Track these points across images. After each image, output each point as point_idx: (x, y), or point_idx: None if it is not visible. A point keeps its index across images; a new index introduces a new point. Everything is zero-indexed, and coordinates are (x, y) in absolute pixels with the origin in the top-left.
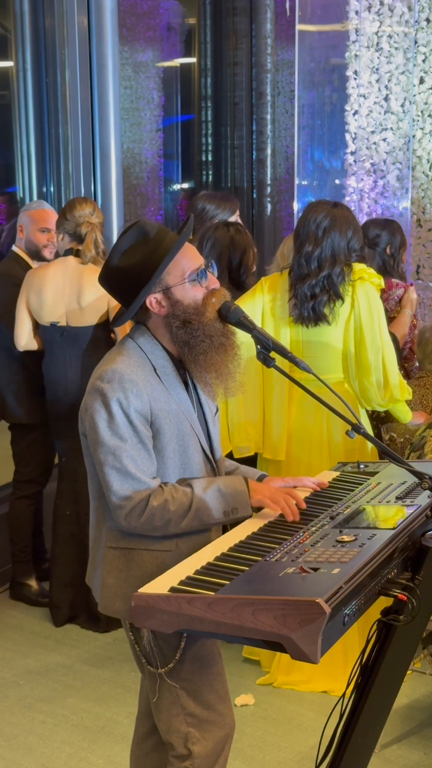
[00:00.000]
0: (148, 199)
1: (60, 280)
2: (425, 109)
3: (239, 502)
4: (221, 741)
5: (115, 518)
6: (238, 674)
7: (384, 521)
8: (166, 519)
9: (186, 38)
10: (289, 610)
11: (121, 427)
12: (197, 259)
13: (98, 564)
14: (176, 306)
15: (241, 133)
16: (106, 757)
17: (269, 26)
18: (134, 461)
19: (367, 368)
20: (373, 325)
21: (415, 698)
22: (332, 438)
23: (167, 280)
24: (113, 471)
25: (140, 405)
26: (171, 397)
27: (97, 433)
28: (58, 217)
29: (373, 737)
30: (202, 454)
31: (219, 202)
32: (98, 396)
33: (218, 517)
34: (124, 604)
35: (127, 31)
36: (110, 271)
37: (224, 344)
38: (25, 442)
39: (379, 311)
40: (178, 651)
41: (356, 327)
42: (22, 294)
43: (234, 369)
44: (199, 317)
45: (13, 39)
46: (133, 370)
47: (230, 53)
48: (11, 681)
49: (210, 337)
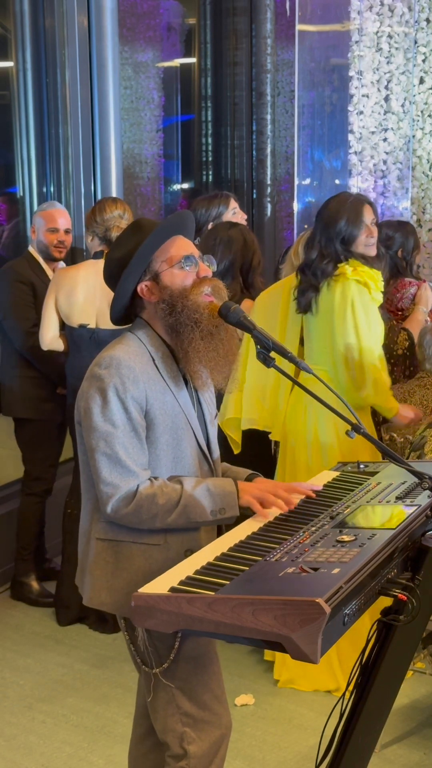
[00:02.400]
0: (148, 199)
1: (91, 283)
2: (425, 109)
3: (227, 502)
4: (217, 741)
5: (101, 506)
6: (238, 674)
7: (384, 521)
8: (153, 513)
9: (186, 38)
10: (289, 610)
11: (115, 413)
12: (187, 248)
13: (86, 556)
14: (164, 291)
15: (241, 133)
16: (106, 757)
17: (269, 26)
18: (125, 449)
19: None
20: (343, 319)
21: (415, 698)
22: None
23: (156, 267)
24: (104, 457)
25: (137, 392)
26: (168, 388)
27: (90, 418)
28: (88, 217)
29: (373, 737)
30: (197, 449)
31: (207, 204)
32: (95, 381)
33: (205, 516)
34: (110, 597)
35: (127, 31)
36: (107, 263)
37: (212, 333)
38: (27, 438)
39: (356, 309)
40: (173, 651)
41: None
42: (51, 294)
43: (222, 362)
44: (183, 300)
45: (13, 39)
46: (131, 358)
47: (230, 53)
48: (11, 681)
49: (195, 321)
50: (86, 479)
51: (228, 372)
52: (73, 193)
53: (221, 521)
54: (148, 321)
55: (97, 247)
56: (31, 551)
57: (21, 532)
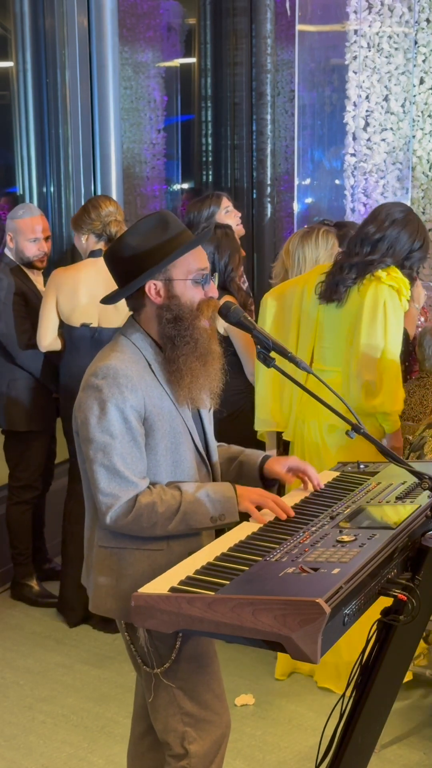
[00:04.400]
0: (148, 199)
1: (93, 282)
2: (425, 110)
3: (227, 508)
4: (218, 740)
5: (100, 517)
6: (238, 674)
7: (384, 521)
8: (153, 521)
9: (186, 38)
10: (289, 610)
11: (112, 424)
12: (204, 262)
13: (91, 564)
14: (172, 299)
15: (241, 133)
16: (106, 757)
17: (269, 26)
18: (123, 459)
19: (356, 366)
20: (374, 325)
21: (415, 698)
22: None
23: (172, 273)
24: (102, 468)
25: (135, 401)
26: (165, 394)
27: (88, 429)
28: (79, 217)
29: (373, 737)
30: (196, 453)
31: (199, 205)
32: (92, 392)
33: (206, 522)
34: (115, 603)
35: (127, 31)
36: (121, 248)
37: (205, 355)
38: (22, 448)
39: (387, 315)
40: (174, 650)
41: (357, 326)
42: (50, 295)
43: (208, 383)
44: (191, 318)
45: (13, 39)
46: (127, 366)
47: (230, 53)
48: (11, 681)
49: (196, 341)
50: (87, 487)
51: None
52: (73, 193)
53: (221, 527)
54: (142, 323)
55: (94, 246)
56: (28, 555)
57: (14, 540)
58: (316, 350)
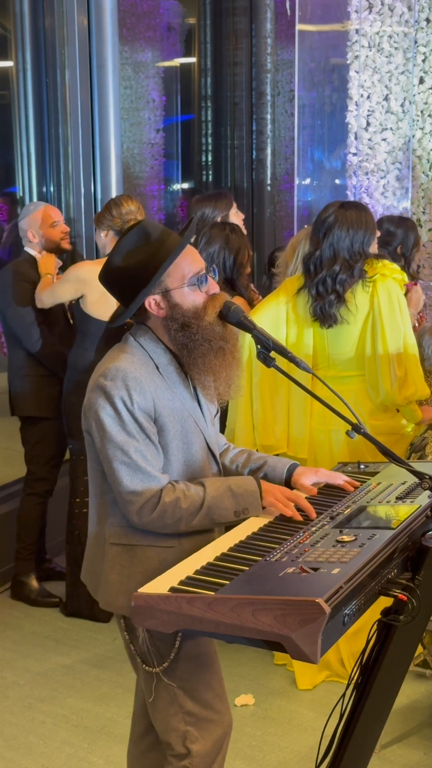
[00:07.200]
0: (148, 199)
1: None
2: (425, 109)
3: (250, 502)
4: (219, 739)
5: (126, 514)
6: (239, 674)
7: (384, 521)
8: (178, 516)
9: (186, 38)
10: (289, 610)
11: (127, 424)
12: (198, 262)
13: (99, 561)
14: (175, 309)
15: (241, 133)
16: (106, 757)
17: (269, 26)
18: (143, 456)
19: (386, 363)
20: (394, 320)
21: (415, 698)
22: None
23: (167, 283)
24: (123, 466)
25: (144, 403)
26: (175, 394)
27: (104, 429)
28: (101, 214)
29: (373, 737)
30: (207, 450)
31: (215, 203)
32: (101, 393)
33: (229, 516)
34: (127, 600)
35: (127, 31)
36: (111, 271)
37: (223, 348)
38: (35, 438)
39: (402, 308)
40: (174, 650)
41: (374, 324)
42: (70, 281)
43: (232, 373)
44: (198, 321)
45: (13, 39)
46: (136, 368)
47: (230, 53)
48: (11, 681)
49: (209, 341)
50: (95, 485)
51: (234, 381)
52: (73, 193)
53: (245, 520)
54: (152, 329)
55: (113, 242)
56: (32, 551)
57: (22, 532)
58: (322, 362)
